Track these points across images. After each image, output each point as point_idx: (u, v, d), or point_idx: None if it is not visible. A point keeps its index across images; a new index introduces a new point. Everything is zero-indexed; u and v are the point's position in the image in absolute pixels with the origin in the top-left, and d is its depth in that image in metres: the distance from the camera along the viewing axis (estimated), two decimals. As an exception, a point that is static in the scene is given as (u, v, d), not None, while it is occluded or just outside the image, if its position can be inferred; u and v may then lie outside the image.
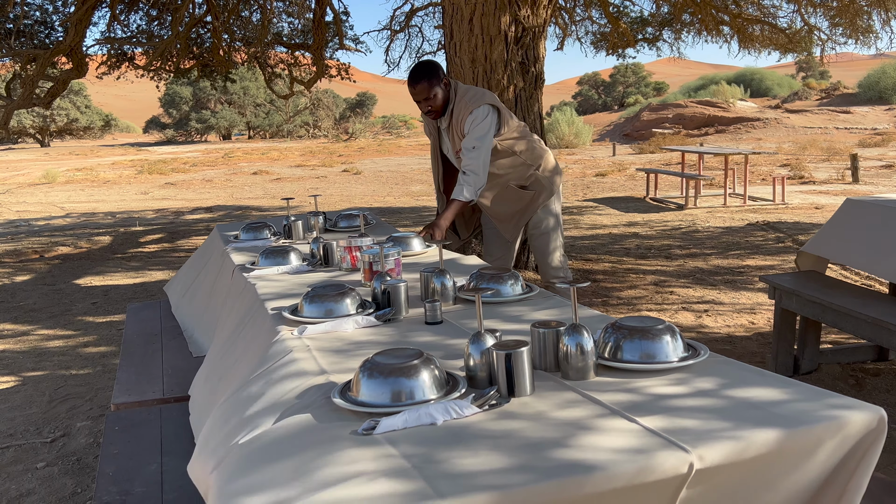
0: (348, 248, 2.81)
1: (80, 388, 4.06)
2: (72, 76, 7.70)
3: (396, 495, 1.14)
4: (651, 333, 1.65)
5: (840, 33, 9.40)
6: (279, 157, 24.59)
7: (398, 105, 76.44)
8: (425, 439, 1.33)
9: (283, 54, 10.19)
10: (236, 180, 17.05)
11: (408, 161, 21.18)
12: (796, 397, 1.43)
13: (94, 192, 15.55)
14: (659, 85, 47.45)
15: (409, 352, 1.57)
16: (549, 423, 1.37)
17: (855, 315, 3.16)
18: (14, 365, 4.50)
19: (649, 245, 7.37)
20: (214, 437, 1.71)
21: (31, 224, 11.02)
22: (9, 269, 7.57)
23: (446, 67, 5.88)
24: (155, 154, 29.92)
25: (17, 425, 3.59)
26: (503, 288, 2.29)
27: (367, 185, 14.83)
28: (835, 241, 3.68)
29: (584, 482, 1.17)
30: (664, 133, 24.09)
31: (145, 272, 7.14)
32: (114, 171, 21.33)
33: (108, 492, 2.03)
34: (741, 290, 5.44)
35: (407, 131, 41.66)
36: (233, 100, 41.76)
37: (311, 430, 1.44)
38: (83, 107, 42.95)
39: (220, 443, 1.66)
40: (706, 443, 1.26)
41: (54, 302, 6.08)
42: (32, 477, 3.05)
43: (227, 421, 1.75)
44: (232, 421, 1.73)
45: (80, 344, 4.91)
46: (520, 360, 1.51)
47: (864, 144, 18.61)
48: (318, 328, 2.04)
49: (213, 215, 11.37)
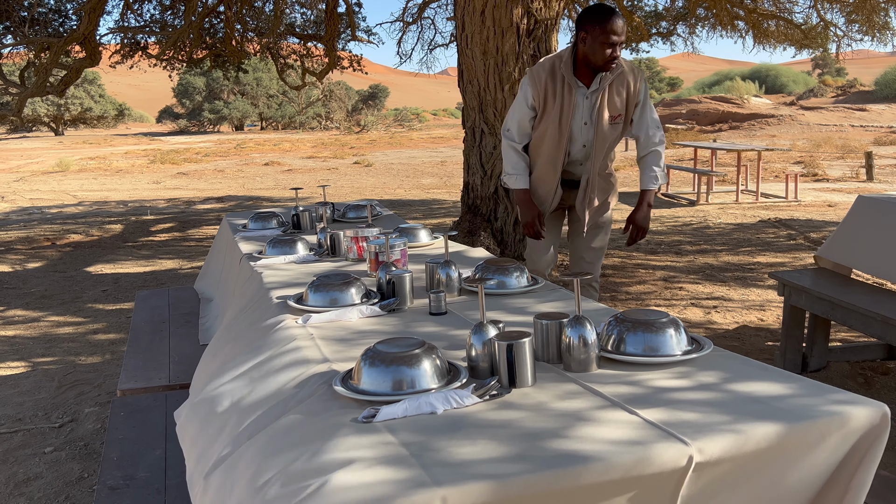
0: (355, 239, 2.82)
1: (89, 374, 4.09)
2: (85, 65, 7.73)
3: (392, 482, 1.14)
4: (655, 326, 1.64)
5: (856, 30, 9.31)
6: (291, 149, 24.64)
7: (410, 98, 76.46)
8: (424, 428, 1.33)
9: (295, 45, 10.20)
10: (248, 171, 17.10)
11: (419, 154, 21.17)
12: (799, 392, 1.42)
13: (107, 181, 15.64)
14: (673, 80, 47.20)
15: (411, 341, 1.57)
16: (549, 414, 1.37)
17: (865, 313, 3.13)
18: (24, 350, 4.54)
19: (659, 241, 7.34)
20: (213, 425, 1.71)
21: (44, 211, 11.10)
22: (21, 256, 7.63)
23: (458, 59, 5.87)
24: (168, 144, 30.04)
25: (25, 410, 3.62)
26: (508, 280, 2.28)
27: (378, 178, 14.84)
28: (849, 244, 3.64)
29: (582, 473, 1.17)
30: (677, 129, 23.96)
31: (156, 261, 7.18)
32: (126, 160, 21.44)
33: (112, 476, 2.05)
34: (751, 286, 5.41)
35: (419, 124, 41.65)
36: (246, 91, 41.85)
37: (312, 418, 1.44)
38: (97, 96, 43.15)
39: (220, 432, 1.66)
40: (706, 436, 1.25)
41: (65, 289, 6.12)
42: (40, 461, 3.07)
43: (227, 409, 1.75)
44: (231, 409, 1.73)
45: (90, 331, 4.94)
46: (521, 350, 1.51)
47: (879, 142, 18.44)
48: (323, 317, 2.05)
49: (224, 205, 11.41)
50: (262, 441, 1.47)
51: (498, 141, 5.61)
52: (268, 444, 1.43)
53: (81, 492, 2.80)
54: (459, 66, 5.83)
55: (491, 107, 5.58)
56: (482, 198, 5.76)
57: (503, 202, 5.67)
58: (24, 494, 2.81)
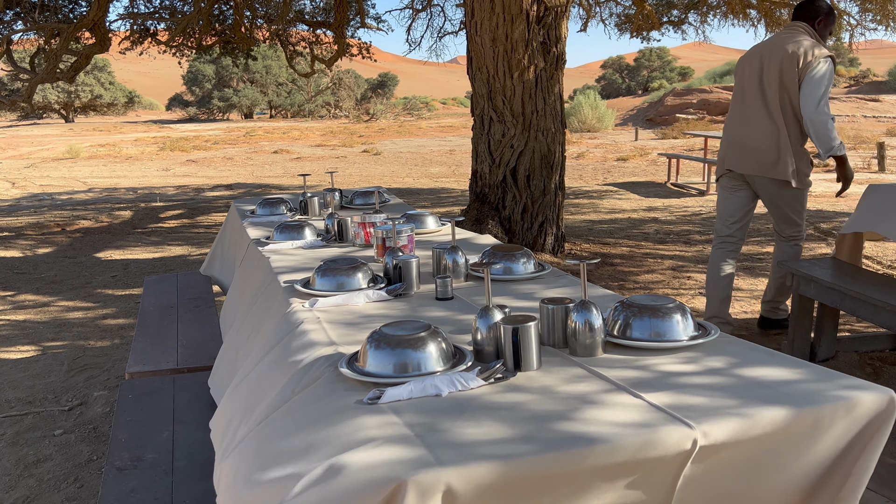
0: (362, 224, 2.82)
1: (98, 358, 4.11)
2: (95, 51, 7.74)
3: (398, 462, 1.14)
4: (661, 312, 1.64)
5: (870, 19, 9.21)
6: (300, 137, 24.64)
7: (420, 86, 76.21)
8: (429, 409, 1.34)
9: (304, 32, 10.18)
10: (257, 159, 17.12)
11: (428, 143, 21.13)
12: (807, 377, 1.41)
13: (117, 168, 15.69)
14: (684, 70, 46.86)
15: (417, 324, 1.58)
16: (554, 397, 1.37)
17: (874, 302, 3.11)
18: (34, 335, 4.58)
19: (668, 230, 7.32)
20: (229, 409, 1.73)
21: (54, 198, 11.16)
22: (31, 242, 7.68)
23: (467, 46, 5.85)
24: (177, 131, 30.10)
25: (35, 393, 3.65)
26: (515, 266, 2.28)
27: (387, 166, 14.83)
28: (868, 217, 3.64)
29: (586, 455, 1.17)
30: (688, 118, 23.82)
31: (165, 247, 7.21)
32: (136, 147, 21.50)
33: (120, 458, 2.06)
34: (760, 276, 5.39)
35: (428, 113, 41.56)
36: (255, 79, 41.85)
37: (319, 400, 1.45)
38: (107, 83, 43.25)
39: (232, 417, 1.67)
40: (712, 419, 1.25)
41: (75, 274, 6.16)
42: (49, 443, 3.10)
43: (237, 394, 1.77)
44: (241, 393, 1.74)
45: (100, 316, 4.97)
46: (527, 334, 1.51)
47: (892, 133, 18.28)
48: (330, 301, 2.05)
49: (233, 193, 11.43)
50: (270, 424, 1.48)
51: (506, 129, 5.60)
52: (275, 428, 1.44)
53: (90, 473, 2.83)
54: (469, 53, 5.81)
55: (500, 94, 5.56)
56: (490, 186, 5.75)
57: (511, 190, 5.66)
58: (34, 476, 2.84)
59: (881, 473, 1.72)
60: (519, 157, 5.63)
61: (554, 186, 5.77)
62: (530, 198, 5.68)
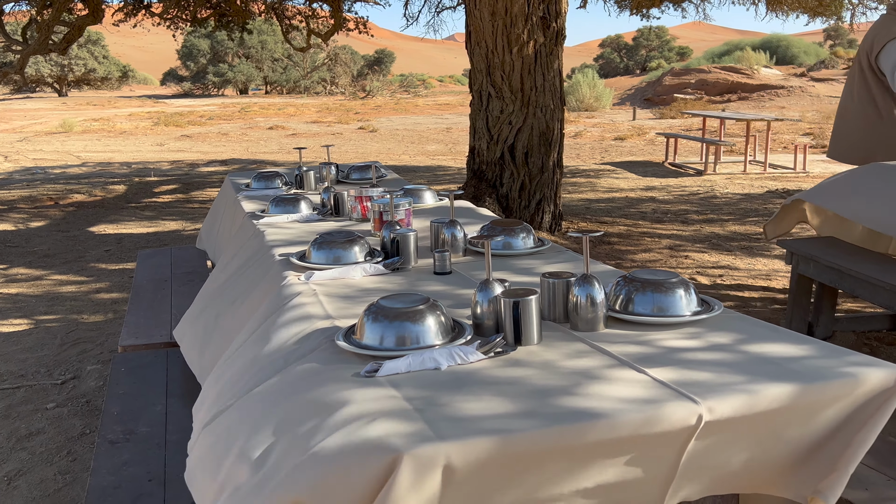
0: (359, 198, 2.78)
1: (92, 332, 4.08)
2: (87, 22, 7.62)
3: (396, 436, 1.11)
4: (664, 287, 1.61)
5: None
6: (295, 113, 24.46)
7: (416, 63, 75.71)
8: (428, 383, 1.31)
9: (300, 6, 10.05)
10: (252, 134, 16.99)
11: (424, 120, 21.00)
12: (813, 354, 1.39)
13: (111, 143, 15.56)
14: (682, 50, 46.58)
15: (416, 297, 1.54)
16: (556, 372, 1.34)
17: (873, 282, 3.09)
18: (27, 308, 4.54)
19: (666, 209, 7.29)
20: (218, 383, 1.70)
21: (47, 172, 11.06)
22: (24, 215, 7.61)
23: (466, 20, 5.77)
24: (172, 106, 29.85)
25: (28, 367, 3.62)
26: (514, 241, 2.25)
27: (383, 143, 14.74)
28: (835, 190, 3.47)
29: (588, 429, 1.14)
30: (686, 98, 23.72)
31: (159, 222, 7.15)
32: (130, 122, 21.32)
33: (112, 430, 2.03)
34: (757, 256, 5.37)
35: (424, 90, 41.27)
36: (250, 54, 41.45)
37: (315, 372, 1.42)
38: (101, 57, 42.79)
39: (220, 385, 1.64)
40: (717, 395, 1.22)
41: (68, 248, 6.11)
42: (42, 417, 3.08)
43: (232, 366, 1.73)
44: (237, 366, 1.71)
45: (93, 290, 4.93)
46: (528, 308, 1.48)
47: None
48: (326, 274, 2.02)
49: (227, 168, 11.35)
50: (261, 394, 1.45)
51: (504, 105, 5.54)
52: (268, 398, 1.41)
53: (83, 447, 2.81)
54: (467, 27, 5.73)
55: (499, 69, 5.49)
56: (488, 163, 5.70)
57: (509, 167, 5.62)
58: (26, 449, 2.81)
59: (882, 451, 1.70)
60: (517, 134, 5.57)
61: (552, 164, 5.72)
62: (528, 175, 5.63)
